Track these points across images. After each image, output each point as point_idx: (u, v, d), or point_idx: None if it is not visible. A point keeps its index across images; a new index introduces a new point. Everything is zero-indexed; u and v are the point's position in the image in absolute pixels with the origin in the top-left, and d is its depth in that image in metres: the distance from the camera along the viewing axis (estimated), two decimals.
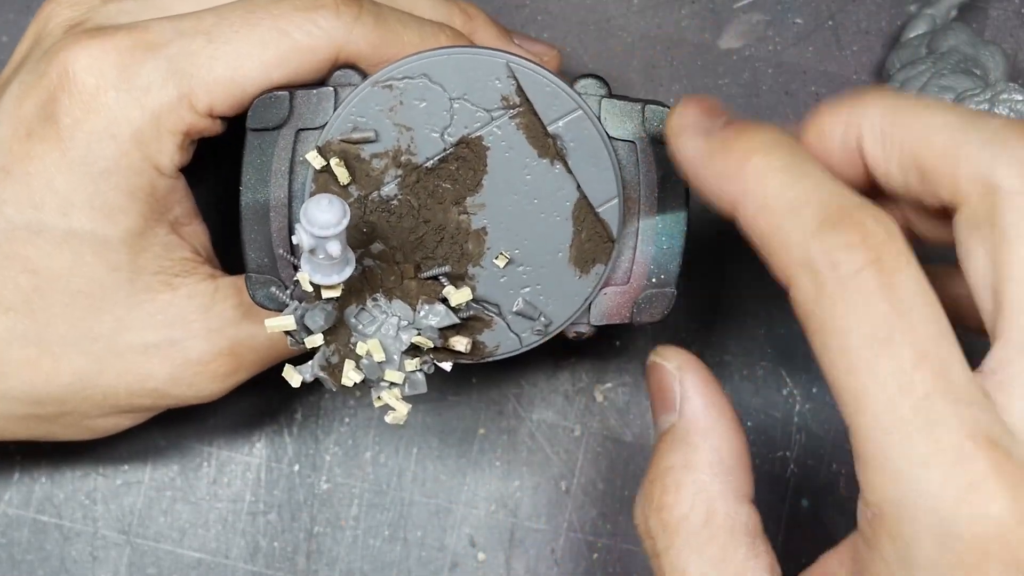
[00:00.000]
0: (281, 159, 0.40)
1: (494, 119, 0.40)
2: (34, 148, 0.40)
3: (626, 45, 0.52)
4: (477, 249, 0.40)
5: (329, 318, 0.38)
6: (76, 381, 0.42)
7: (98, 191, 0.40)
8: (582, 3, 0.52)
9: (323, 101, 0.40)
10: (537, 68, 0.39)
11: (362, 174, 0.40)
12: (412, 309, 0.39)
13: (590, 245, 0.40)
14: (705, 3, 0.52)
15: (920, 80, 0.47)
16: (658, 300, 0.41)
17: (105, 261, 0.41)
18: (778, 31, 0.52)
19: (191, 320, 0.42)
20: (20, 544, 0.50)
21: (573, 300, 0.41)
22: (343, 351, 0.39)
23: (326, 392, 0.50)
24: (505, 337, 0.41)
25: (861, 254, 0.31)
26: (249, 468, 0.50)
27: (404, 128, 0.40)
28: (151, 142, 0.40)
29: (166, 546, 0.50)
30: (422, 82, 0.39)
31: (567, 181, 0.40)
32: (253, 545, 0.50)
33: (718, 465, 0.36)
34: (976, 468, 0.30)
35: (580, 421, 0.51)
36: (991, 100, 0.44)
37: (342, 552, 0.50)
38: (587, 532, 0.50)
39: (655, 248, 0.41)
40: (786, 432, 0.51)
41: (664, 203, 0.41)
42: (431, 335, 0.39)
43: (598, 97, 0.40)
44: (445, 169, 0.40)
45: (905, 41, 0.50)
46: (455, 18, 0.44)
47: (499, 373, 0.51)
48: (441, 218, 0.40)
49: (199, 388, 0.43)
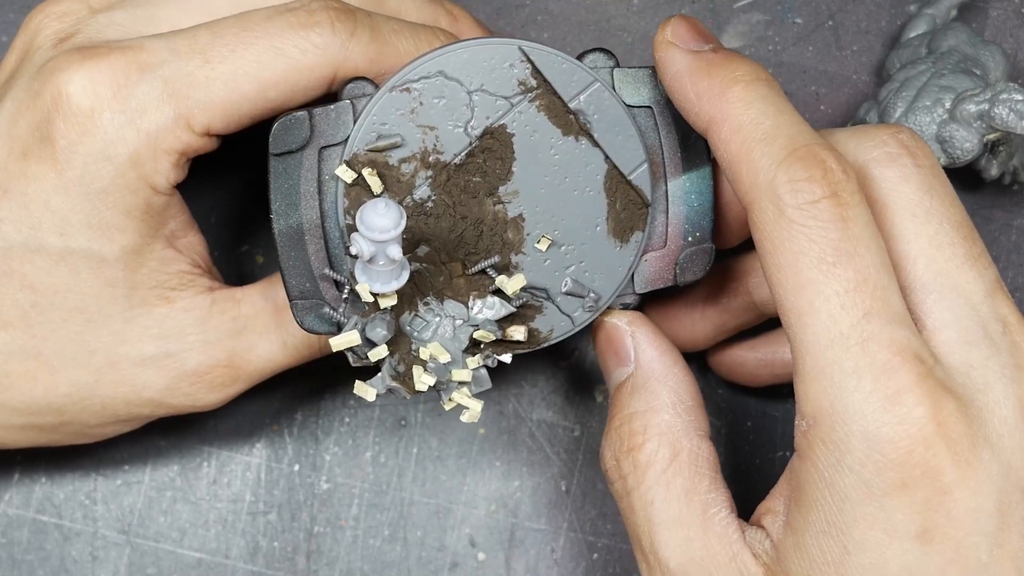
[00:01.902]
0: (308, 180, 0.40)
1: (514, 105, 0.40)
2: (31, 168, 0.40)
3: (626, 45, 0.52)
4: (517, 236, 0.40)
5: (390, 327, 0.38)
6: (74, 392, 0.42)
7: (95, 211, 0.40)
8: (582, 3, 0.52)
9: (342, 115, 0.40)
10: (549, 48, 0.40)
11: (392, 181, 0.40)
12: (465, 306, 0.39)
13: (626, 214, 0.41)
14: (705, 3, 0.52)
15: (920, 80, 0.47)
16: (698, 257, 0.42)
17: (102, 278, 0.41)
18: (778, 31, 0.52)
19: (188, 332, 0.42)
20: (20, 544, 0.50)
21: (617, 271, 0.41)
22: (407, 359, 0.39)
23: (326, 392, 0.50)
24: (558, 320, 0.41)
25: (820, 186, 0.34)
26: (249, 468, 0.50)
27: (427, 128, 0.40)
28: (147, 162, 0.40)
29: (166, 546, 0.50)
30: (438, 80, 0.39)
31: (594, 154, 0.40)
32: (253, 545, 0.50)
33: (679, 405, 0.40)
34: (901, 379, 0.34)
35: (580, 421, 0.51)
36: (991, 100, 0.44)
37: (342, 552, 0.50)
38: (587, 532, 0.50)
39: (686, 207, 0.42)
40: (786, 432, 0.51)
41: (688, 162, 0.41)
42: (491, 328, 0.39)
43: (608, 69, 0.41)
44: (473, 163, 0.40)
45: (905, 41, 0.50)
46: (441, 19, 0.45)
47: (499, 373, 0.51)
48: (477, 212, 0.40)
49: (196, 398, 0.43)
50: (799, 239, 0.34)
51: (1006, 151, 0.49)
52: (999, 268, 0.51)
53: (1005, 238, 0.52)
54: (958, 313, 0.36)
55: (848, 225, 0.34)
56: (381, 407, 0.51)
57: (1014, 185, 0.52)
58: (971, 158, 0.46)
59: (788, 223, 0.34)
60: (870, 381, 0.34)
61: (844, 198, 0.34)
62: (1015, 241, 0.52)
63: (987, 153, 0.48)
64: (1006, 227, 0.52)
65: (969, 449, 0.34)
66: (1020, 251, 0.52)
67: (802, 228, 0.34)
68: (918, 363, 0.34)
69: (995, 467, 0.34)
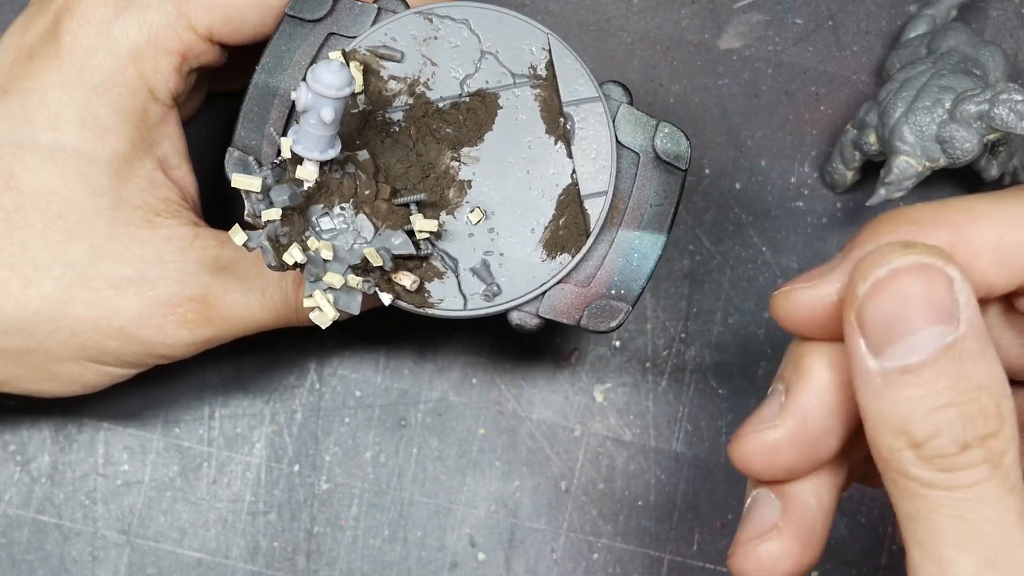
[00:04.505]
0: (304, 53, 0.41)
1: (516, 84, 0.40)
2: (34, 67, 0.41)
3: (626, 45, 0.52)
4: (457, 198, 0.40)
5: (294, 198, 0.38)
6: (44, 309, 0.41)
7: (90, 107, 0.41)
8: (582, 3, 0.52)
9: (363, 14, 0.40)
10: (575, 54, 0.40)
11: (375, 90, 0.40)
12: (375, 229, 0.39)
13: (565, 233, 0.40)
14: (705, 3, 0.52)
15: (920, 80, 0.47)
16: (610, 312, 0.41)
17: (88, 183, 0.41)
18: (778, 31, 0.52)
19: (167, 260, 0.42)
20: (20, 544, 0.50)
21: (530, 281, 0.40)
22: (294, 237, 0.38)
23: (326, 392, 0.50)
24: (452, 295, 0.40)
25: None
26: (249, 468, 0.50)
27: (430, 62, 0.40)
28: (148, 60, 0.41)
29: (166, 546, 0.50)
30: (462, 27, 0.40)
31: (564, 164, 0.40)
32: (253, 545, 0.50)
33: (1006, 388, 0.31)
34: None
35: (580, 421, 0.51)
36: (991, 100, 0.44)
37: (342, 552, 0.50)
38: (587, 532, 0.50)
39: (625, 262, 0.41)
40: None
41: (648, 222, 0.41)
42: (384, 256, 0.38)
43: (619, 103, 0.41)
44: (453, 114, 0.40)
45: (905, 41, 0.50)
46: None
47: (499, 373, 0.51)
48: (433, 157, 0.40)
49: (167, 333, 0.42)
50: None
51: (1006, 151, 0.49)
52: None
53: None
54: None
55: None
56: (381, 407, 0.51)
57: (1014, 185, 0.51)
58: (971, 158, 0.46)
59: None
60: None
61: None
62: None
63: (987, 153, 0.48)
64: None
65: None
66: None
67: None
68: None
69: None
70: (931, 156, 0.46)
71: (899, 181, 0.46)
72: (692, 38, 0.52)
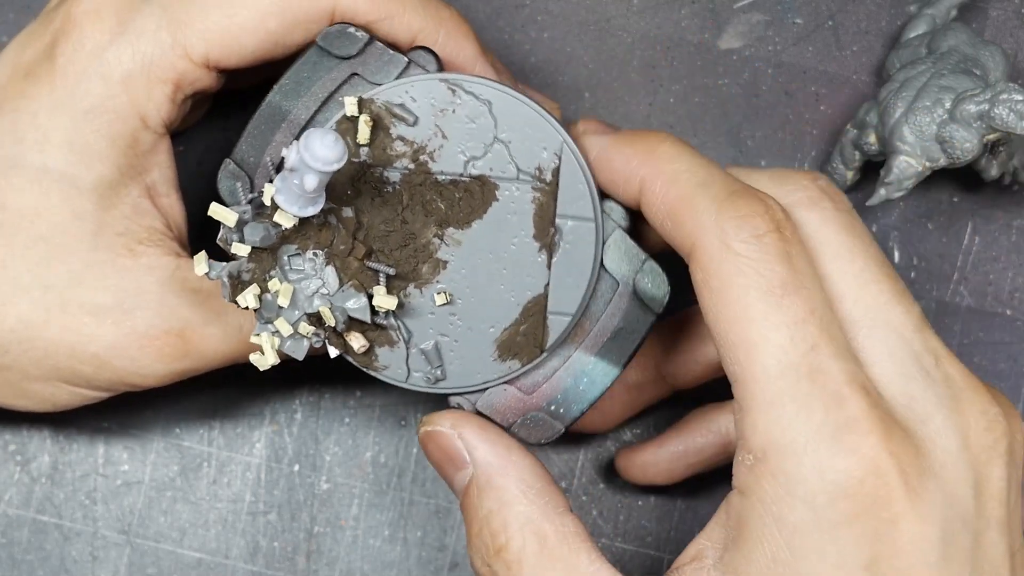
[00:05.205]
0: (324, 86, 0.40)
1: (519, 179, 0.39)
2: (28, 87, 0.41)
3: (626, 45, 0.52)
4: (429, 275, 0.40)
5: (266, 240, 0.37)
6: (20, 330, 0.41)
7: (78, 131, 0.40)
8: (582, 3, 0.52)
9: (391, 64, 0.40)
10: (585, 167, 0.39)
11: (379, 146, 0.39)
12: (339, 284, 0.39)
13: (522, 340, 0.40)
14: (705, 3, 0.52)
15: (920, 80, 0.47)
16: (544, 427, 0.41)
17: (71, 207, 0.41)
18: (778, 31, 0.52)
19: (146, 290, 0.41)
20: (20, 544, 0.50)
21: (475, 376, 0.40)
22: (256, 277, 0.38)
23: (326, 392, 0.50)
24: (398, 365, 0.40)
25: (764, 221, 0.35)
26: (249, 468, 0.50)
27: (442, 133, 0.39)
28: (140, 88, 0.40)
29: (166, 546, 0.50)
30: (484, 107, 0.39)
31: (541, 274, 0.40)
32: (253, 545, 0.50)
33: (529, 492, 0.38)
34: (852, 410, 0.34)
35: None
36: (991, 100, 0.44)
37: (342, 552, 0.50)
38: None
39: (572, 382, 0.41)
40: None
41: (607, 351, 0.40)
42: (339, 316, 0.38)
43: (616, 225, 0.40)
44: (449, 191, 0.39)
45: (905, 41, 0.50)
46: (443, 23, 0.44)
47: None
48: (418, 228, 0.39)
49: (141, 365, 0.42)
50: (747, 272, 0.35)
51: (1006, 151, 0.49)
52: (999, 268, 0.52)
53: (1005, 238, 0.52)
54: (891, 347, 0.36)
55: (793, 260, 0.35)
56: (382, 407, 0.51)
57: (1014, 185, 0.52)
58: (971, 158, 0.46)
59: (735, 257, 0.35)
60: (821, 411, 0.34)
61: (786, 234, 0.35)
62: (1015, 241, 0.52)
63: (987, 153, 0.48)
64: (1006, 227, 0.52)
65: (917, 479, 0.33)
66: (1020, 251, 0.52)
67: (749, 261, 0.35)
68: (866, 394, 0.34)
69: (939, 497, 0.34)
70: (931, 156, 0.46)
71: (899, 181, 0.46)
72: (692, 38, 0.52)
